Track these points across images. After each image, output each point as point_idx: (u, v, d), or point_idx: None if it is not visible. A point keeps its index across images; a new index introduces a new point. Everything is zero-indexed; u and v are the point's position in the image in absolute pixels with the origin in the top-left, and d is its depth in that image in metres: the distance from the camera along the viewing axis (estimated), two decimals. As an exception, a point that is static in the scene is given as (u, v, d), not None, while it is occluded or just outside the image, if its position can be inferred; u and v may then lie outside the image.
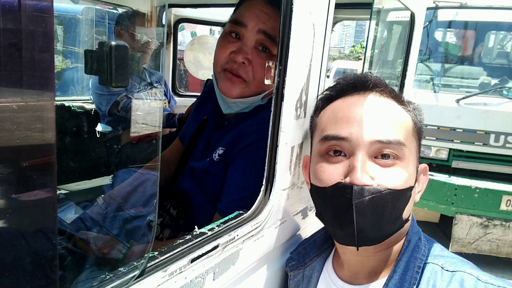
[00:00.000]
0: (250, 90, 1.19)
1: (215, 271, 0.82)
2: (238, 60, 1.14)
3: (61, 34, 5.27)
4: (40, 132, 0.50)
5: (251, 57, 1.15)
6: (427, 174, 0.93)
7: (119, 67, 0.54)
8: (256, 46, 1.16)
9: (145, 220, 1.14)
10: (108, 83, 0.54)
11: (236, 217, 0.91)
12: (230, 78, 1.18)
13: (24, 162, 0.49)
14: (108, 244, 1.09)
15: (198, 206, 1.26)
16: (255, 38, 1.15)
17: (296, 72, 0.95)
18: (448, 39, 4.91)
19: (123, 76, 0.54)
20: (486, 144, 4.02)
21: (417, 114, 0.92)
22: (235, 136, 1.20)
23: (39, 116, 0.49)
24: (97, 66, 0.53)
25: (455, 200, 4.03)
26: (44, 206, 0.52)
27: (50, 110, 0.50)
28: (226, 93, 1.20)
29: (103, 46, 0.53)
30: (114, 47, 0.53)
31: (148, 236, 1.03)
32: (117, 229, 1.21)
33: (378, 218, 0.80)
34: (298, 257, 1.04)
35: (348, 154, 0.84)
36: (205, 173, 1.24)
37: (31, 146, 0.50)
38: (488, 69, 4.65)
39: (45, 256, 0.54)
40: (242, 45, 1.16)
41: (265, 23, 1.13)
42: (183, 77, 6.56)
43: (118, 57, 0.53)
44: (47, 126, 0.51)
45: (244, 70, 1.16)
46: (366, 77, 0.93)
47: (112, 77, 0.53)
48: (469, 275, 0.80)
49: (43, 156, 0.52)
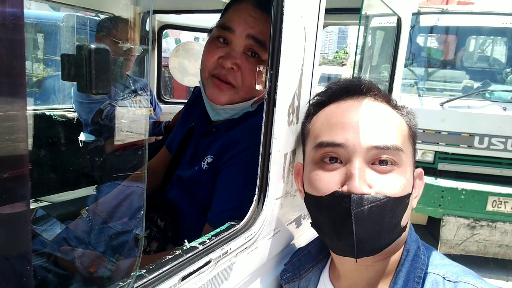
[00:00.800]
0: (239, 96, 1.15)
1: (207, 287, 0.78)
2: (226, 65, 1.11)
3: (42, 42, 5.15)
4: (11, 143, 0.45)
5: (240, 63, 1.11)
6: (422, 179, 0.90)
7: (99, 72, 0.49)
8: (245, 52, 1.12)
9: (132, 234, 1.08)
10: (88, 90, 0.49)
11: (228, 229, 0.86)
12: (218, 84, 1.14)
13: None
14: (94, 262, 1.03)
15: (187, 217, 1.20)
16: (244, 43, 1.11)
17: (288, 77, 0.91)
18: (430, 44, 4.99)
19: (104, 82, 0.49)
20: (471, 146, 4.07)
21: (411, 118, 0.89)
22: (224, 144, 1.15)
23: (10, 126, 0.44)
24: (75, 71, 0.49)
25: (442, 202, 4.07)
26: (15, 221, 0.47)
27: (22, 120, 0.45)
28: (214, 100, 1.16)
29: (81, 50, 0.48)
30: (94, 50, 0.48)
31: (135, 251, 0.97)
32: (102, 244, 1.15)
33: (377, 227, 0.77)
34: (293, 269, 1.00)
35: (344, 161, 0.81)
36: (193, 182, 1.20)
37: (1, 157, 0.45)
38: (470, 72, 4.74)
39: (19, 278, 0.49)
40: (230, 50, 1.12)
41: (254, 28, 1.10)
42: (168, 84, 6.49)
43: (99, 62, 0.49)
44: (19, 136, 0.46)
45: (233, 75, 1.12)
46: (360, 81, 0.91)
47: (92, 84, 0.48)
48: (472, 286, 0.77)
49: (14, 168, 0.46)
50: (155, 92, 3.11)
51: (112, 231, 1.13)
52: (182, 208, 1.21)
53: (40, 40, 5.12)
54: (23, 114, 0.43)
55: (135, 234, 1.03)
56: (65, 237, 1.22)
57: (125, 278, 0.64)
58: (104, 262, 1.00)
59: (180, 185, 1.25)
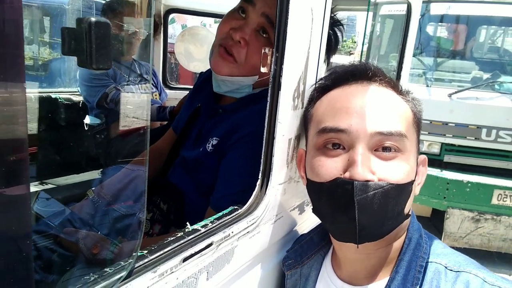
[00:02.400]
0: (239, 72, 1.14)
1: (208, 270, 0.77)
2: (235, 37, 1.10)
3: (48, 26, 5.13)
4: (8, 127, 0.44)
5: (248, 38, 1.10)
6: (426, 165, 0.89)
7: (100, 46, 0.47)
8: (257, 29, 1.11)
9: (134, 216, 1.08)
10: (88, 64, 0.48)
11: (230, 213, 0.85)
12: (222, 54, 1.13)
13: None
14: (98, 244, 1.03)
15: (190, 200, 1.20)
16: (258, 20, 1.10)
17: (293, 60, 0.89)
18: (440, 33, 4.91)
19: (104, 57, 0.48)
20: (478, 138, 4.02)
21: (416, 105, 0.87)
22: (230, 127, 1.14)
23: (7, 110, 0.43)
24: (75, 45, 0.47)
25: (447, 194, 4.04)
26: (15, 205, 0.46)
27: (20, 103, 0.44)
28: (215, 68, 1.16)
29: (81, 23, 0.47)
30: (94, 23, 0.47)
31: (137, 234, 0.97)
32: (105, 226, 1.16)
33: (380, 214, 0.76)
34: (295, 256, 1.00)
35: (347, 147, 0.79)
36: (198, 163, 1.18)
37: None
38: (480, 63, 4.65)
39: (18, 259, 0.48)
40: (244, 24, 1.11)
41: (271, 8, 1.08)
42: (174, 71, 6.46)
43: (99, 35, 0.47)
44: (17, 120, 0.45)
45: (238, 49, 1.11)
46: (366, 66, 0.89)
47: (92, 58, 0.47)
48: (475, 277, 0.76)
49: (13, 152, 0.46)
50: (161, 77, 3.09)
51: (115, 213, 1.13)
52: (185, 191, 1.20)
53: (47, 24, 5.10)
54: (22, 98, 0.42)
55: (138, 216, 1.03)
56: (69, 218, 1.23)
57: (126, 259, 0.64)
58: (107, 244, 1.00)
59: (184, 167, 1.24)
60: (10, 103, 0.44)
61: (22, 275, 0.49)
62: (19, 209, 0.47)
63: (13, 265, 0.47)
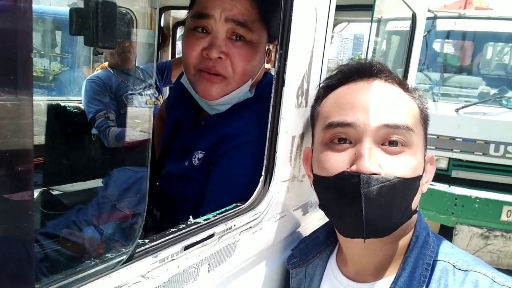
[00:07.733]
0: (232, 86, 1.07)
1: (210, 262, 0.77)
2: (212, 55, 1.01)
3: (59, 41, 5.26)
4: (15, 136, 0.45)
5: (226, 50, 1.02)
6: (434, 164, 0.88)
7: (106, 25, 0.49)
8: (229, 37, 1.03)
9: (134, 216, 1.08)
10: (94, 42, 0.49)
11: (233, 208, 0.85)
12: (208, 78, 1.04)
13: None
14: (103, 245, 1.03)
15: (182, 210, 1.17)
16: (225, 27, 1.02)
17: (297, 58, 0.91)
18: (446, 49, 4.93)
19: (110, 36, 0.49)
20: (486, 153, 3.98)
21: (423, 101, 0.88)
22: (217, 138, 1.08)
23: (14, 119, 0.44)
24: (82, 23, 0.49)
25: (455, 210, 3.97)
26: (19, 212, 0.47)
27: (27, 114, 0.45)
28: (207, 96, 1.06)
29: (89, 2, 0.48)
30: (101, 2, 0.48)
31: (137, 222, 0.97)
32: (111, 228, 1.15)
33: (387, 208, 0.75)
34: (300, 254, 0.99)
35: (354, 141, 0.79)
36: (184, 177, 1.13)
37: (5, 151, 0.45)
38: (486, 79, 4.65)
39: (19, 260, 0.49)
40: (213, 38, 1.02)
41: (231, 10, 1.01)
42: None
43: (106, 14, 0.49)
44: (23, 129, 0.45)
45: (222, 65, 1.03)
46: (370, 63, 0.90)
47: (98, 36, 0.49)
48: (484, 276, 0.74)
49: (19, 161, 0.46)
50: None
51: (115, 212, 1.13)
52: (176, 202, 1.16)
53: (58, 39, 5.23)
54: (29, 108, 0.43)
55: (137, 212, 1.02)
56: (75, 220, 1.22)
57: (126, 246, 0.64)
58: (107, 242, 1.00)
59: (171, 181, 1.19)
60: (18, 107, 0.45)
61: (23, 277, 0.49)
62: (22, 212, 0.47)
63: (15, 268, 0.48)
